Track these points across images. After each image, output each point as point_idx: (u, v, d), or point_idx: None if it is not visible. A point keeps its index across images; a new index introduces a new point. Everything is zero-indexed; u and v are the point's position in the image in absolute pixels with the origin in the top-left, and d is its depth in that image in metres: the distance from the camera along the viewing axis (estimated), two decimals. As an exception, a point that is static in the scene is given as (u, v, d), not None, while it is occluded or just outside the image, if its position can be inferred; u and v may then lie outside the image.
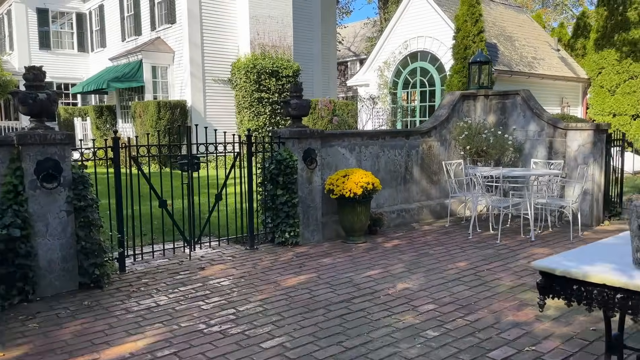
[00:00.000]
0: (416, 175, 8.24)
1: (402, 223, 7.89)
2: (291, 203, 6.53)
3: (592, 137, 7.63)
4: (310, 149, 6.69)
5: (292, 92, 6.76)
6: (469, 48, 12.03)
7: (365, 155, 7.55)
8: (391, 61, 15.72)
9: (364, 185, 6.52)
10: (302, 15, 19.59)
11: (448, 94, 8.96)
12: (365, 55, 42.79)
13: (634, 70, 14.88)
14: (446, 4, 15.14)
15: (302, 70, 17.87)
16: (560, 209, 7.79)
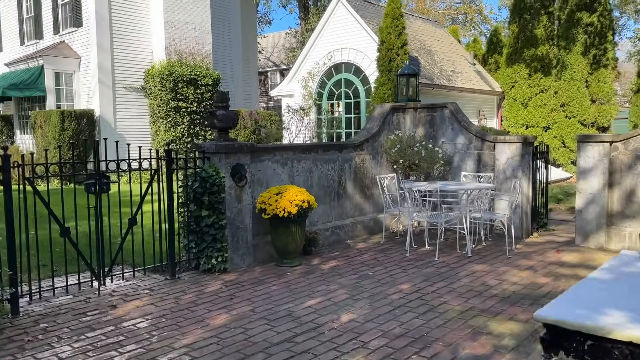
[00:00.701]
0: (350, 190, 7.88)
1: (336, 241, 7.47)
2: (218, 225, 5.88)
3: (521, 149, 7.67)
4: (239, 165, 6.09)
5: (218, 102, 6.13)
6: (394, 60, 11.98)
7: (298, 170, 7.06)
8: (315, 72, 15.43)
9: (299, 204, 6.02)
10: (222, 22, 18.86)
11: (378, 106, 8.73)
12: (286, 65, 42.61)
13: (544, 84, 15.68)
14: (369, 16, 15.14)
15: (222, 78, 17.13)
16: (490, 222, 7.75)
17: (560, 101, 15.46)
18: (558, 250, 6.82)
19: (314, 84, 15.63)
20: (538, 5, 15.56)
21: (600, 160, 6.93)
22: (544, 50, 15.57)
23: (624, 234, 6.83)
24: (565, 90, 15.32)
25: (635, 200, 6.76)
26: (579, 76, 15.10)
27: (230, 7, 19.26)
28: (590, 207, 7.05)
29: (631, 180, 6.78)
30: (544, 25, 15.53)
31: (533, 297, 4.96)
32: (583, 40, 14.99)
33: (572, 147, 15.37)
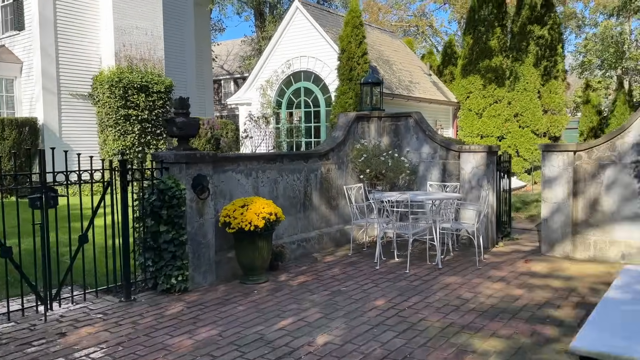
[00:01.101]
0: (316, 201, 7.60)
1: (303, 254, 7.16)
2: (178, 241, 5.45)
3: (486, 159, 7.64)
4: (200, 176, 5.69)
5: (178, 109, 5.72)
6: (354, 69, 11.86)
7: (263, 181, 6.72)
8: (274, 80, 15.13)
9: (266, 216, 5.68)
10: (175, 28, 18.29)
11: (342, 115, 8.53)
12: (240, 74, 42.05)
13: (498, 95, 16.00)
14: (327, 24, 15.01)
15: (175, 85, 16.55)
16: (457, 233, 7.67)
17: (514, 111, 15.82)
18: (526, 260, 6.78)
19: (272, 92, 15.31)
20: (492, 18, 15.91)
21: (565, 169, 6.97)
22: (497, 62, 15.92)
23: (589, 243, 6.87)
24: (519, 100, 15.69)
25: (599, 209, 6.82)
26: (532, 87, 15.51)
27: (183, 13, 18.72)
28: (555, 216, 7.07)
29: (595, 189, 6.84)
30: (498, 37, 15.89)
31: (511, 310, 4.82)
32: (535, 52, 15.42)
33: (526, 157, 15.74)
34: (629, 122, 6.60)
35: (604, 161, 6.76)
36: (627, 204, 6.60)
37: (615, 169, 6.68)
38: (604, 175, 6.77)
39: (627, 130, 6.60)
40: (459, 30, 39.59)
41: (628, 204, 6.60)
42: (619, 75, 20.02)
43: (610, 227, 6.74)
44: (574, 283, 5.67)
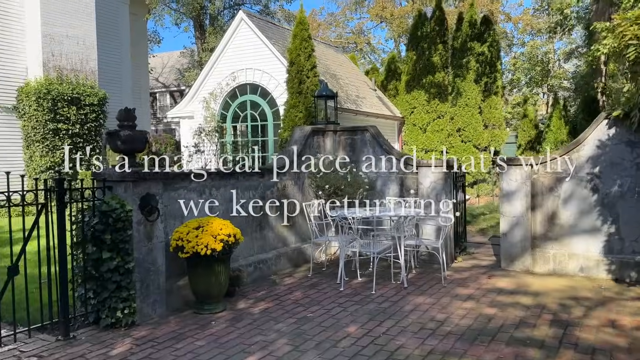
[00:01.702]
0: (272, 218, 7.16)
1: (260, 277, 6.69)
2: (124, 269, 4.85)
3: (444, 174, 7.53)
4: (149, 195, 5.13)
5: (123, 121, 5.14)
6: (304, 82, 11.58)
7: (217, 199, 6.21)
8: (218, 92, 14.56)
9: (225, 239, 5.19)
10: (109, 38, 17.27)
11: (298, 129, 8.18)
12: (176, 87, 40.85)
13: (440, 110, 16.28)
14: (274, 37, 14.68)
15: (109, 98, 15.58)
16: (416, 249, 7.48)
17: (457, 126, 16.13)
18: (490, 276, 6.66)
19: (216, 105, 14.73)
20: (433, 34, 16.22)
21: (523, 183, 6.97)
22: (440, 77, 16.21)
23: (549, 256, 6.87)
24: (461, 116, 16.02)
25: (557, 223, 6.85)
26: (473, 102, 15.89)
27: (118, 22, 17.76)
28: (515, 231, 7.03)
29: (553, 202, 6.87)
30: (440, 54, 16.20)
31: (488, 332, 4.61)
32: (475, 68, 15.84)
33: (468, 170, 16.05)
34: (584, 135, 6.70)
35: (561, 174, 6.81)
36: (585, 217, 6.66)
37: (572, 182, 6.74)
38: (561, 188, 6.81)
39: (582, 144, 6.69)
40: (395, 48, 40.61)
41: (585, 217, 6.66)
42: (555, 91, 21.03)
43: (568, 240, 6.77)
44: (542, 299, 5.58)
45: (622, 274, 6.39)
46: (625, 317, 4.90)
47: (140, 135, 5.17)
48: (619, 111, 6.28)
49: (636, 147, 6.35)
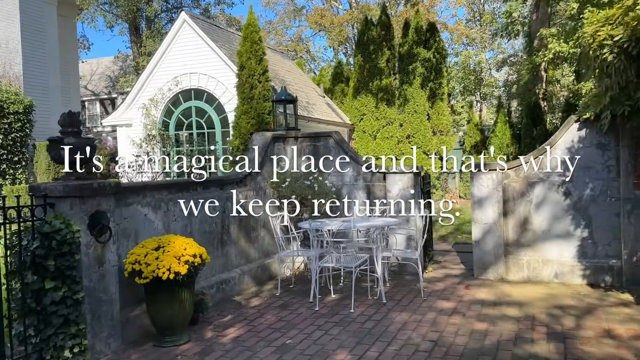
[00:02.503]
0: (234, 234, 6.55)
1: (223, 299, 6.05)
2: (72, 300, 4.12)
3: (412, 180, 7.24)
4: (100, 212, 4.42)
5: (66, 127, 4.41)
6: (255, 88, 10.95)
7: (175, 215, 5.55)
8: (159, 98, 13.63)
9: (190, 260, 4.56)
10: (36, 41, 15.84)
11: (258, 135, 7.62)
12: (106, 94, 38.78)
13: (389, 117, 16.18)
14: (220, 40, 13.97)
15: (36, 105, 14.26)
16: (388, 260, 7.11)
17: (406, 133, 16.09)
18: (467, 287, 6.39)
19: (157, 112, 13.79)
20: (380, 40, 16.13)
21: (495, 188, 6.78)
22: (387, 82, 16.13)
23: (522, 263, 6.71)
24: (410, 122, 16.00)
25: (529, 228, 6.70)
26: (421, 109, 15.92)
27: (45, 24, 16.33)
28: (487, 238, 6.83)
29: (524, 208, 6.73)
30: (387, 59, 16.13)
31: (488, 351, 4.27)
32: (422, 74, 15.89)
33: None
34: (555, 139, 6.61)
35: (533, 179, 6.69)
36: (557, 222, 6.56)
37: (544, 186, 6.62)
38: (533, 193, 6.68)
39: (554, 147, 6.59)
40: (334, 57, 40.79)
41: (558, 222, 6.55)
42: (499, 96, 21.62)
43: (542, 245, 6.64)
44: (529, 310, 5.34)
45: (596, 278, 6.32)
46: (618, 326, 4.73)
47: (88, 143, 4.45)
48: (590, 113, 6.22)
49: (607, 150, 6.32)
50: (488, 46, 34.64)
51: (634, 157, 6.12)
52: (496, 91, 36.10)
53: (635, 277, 6.09)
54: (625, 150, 6.14)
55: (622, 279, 6.17)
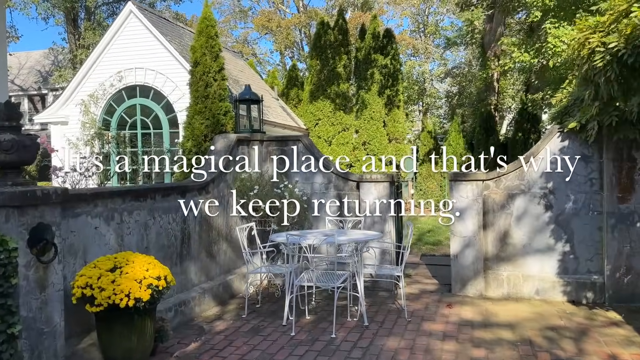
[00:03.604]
0: (194, 248, 5.81)
1: (182, 323, 5.30)
2: (6, 335, 3.30)
3: (388, 189, 6.80)
4: (43, 226, 3.60)
5: (3, 121, 3.57)
6: (210, 86, 10.20)
7: (130, 227, 4.76)
8: (100, 94, 12.48)
9: (153, 283, 3.84)
10: (-45, 24, 14.19)
11: (220, 137, 6.90)
12: (36, 90, 36.14)
13: (346, 123, 15.80)
14: (169, 34, 13.00)
15: (-44, 99, 12.69)
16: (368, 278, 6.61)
17: (362, 139, 15.76)
18: (449, 305, 5.99)
19: (97, 109, 12.62)
20: (337, 44, 15.74)
21: (475, 200, 6.45)
22: (345, 88, 15.76)
23: (502, 279, 6.41)
24: (366, 129, 15.69)
25: (509, 242, 6.42)
26: (378, 116, 15.65)
27: (-32, 7, 14.70)
28: (466, 252, 6.47)
29: (504, 220, 6.44)
30: (344, 65, 15.76)
31: (496, 382, 3.84)
32: (379, 80, 15.63)
33: (373, 184, 15.74)
34: (537, 149, 6.37)
35: (513, 190, 6.41)
36: (539, 236, 6.31)
37: (525, 198, 6.36)
38: (513, 205, 6.41)
39: (535, 158, 6.35)
40: (280, 61, 40.26)
41: (539, 236, 6.30)
42: (453, 105, 21.79)
43: (522, 260, 6.37)
44: (522, 332, 4.99)
45: (578, 295, 6.10)
46: (621, 350, 4.45)
47: (29, 142, 3.62)
48: (575, 123, 6.02)
49: (590, 162, 6.14)
50: (433, 57, 35.26)
51: (618, 170, 5.97)
52: (438, 102, 36.85)
53: (618, 293, 5.92)
54: (609, 163, 5.98)
55: (604, 295, 5.99)
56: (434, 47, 36.14)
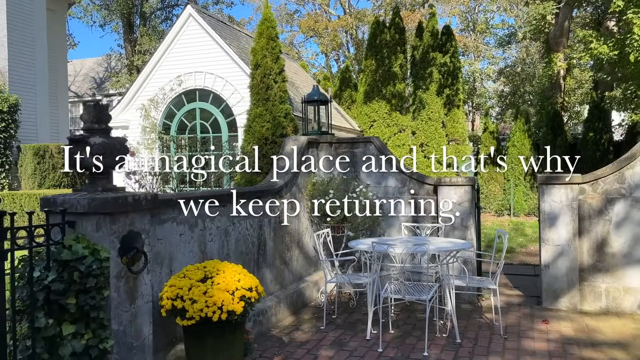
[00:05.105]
0: (270, 254, 5.57)
1: (260, 334, 5.06)
2: (97, 350, 3.10)
3: (470, 193, 6.37)
4: (133, 234, 3.41)
5: (93, 123, 3.41)
6: (271, 88, 10.01)
7: (212, 233, 4.56)
8: (160, 99, 12.57)
9: (246, 295, 3.59)
10: (23, 35, 14.66)
11: (290, 140, 6.67)
12: (90, 96, 37.39)
13: (402, 124, 15.36)
14: (228, 37, 12.99)
15: (22, 104, 13.10)
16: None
17: (419, 141, 15.28)
18: (545, 320, 5.50)
19: (157, 113, 12.72)
20: (393, 43, 15.33)
21: (569, 205, 5.93)
22: (401, 88, 15.32)
23: (599, 292, 5.86)
24: (424, 130, 15.20)
25: (608, 251, 5.86)
26: (436, 116, 15.14)
27: (33, 16, 15.16)
28: (559, 261, 5.97)
29: (602, 227, 5.89)
30: (400, 64, 15.33)
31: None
32: (438, 80, 15.11)
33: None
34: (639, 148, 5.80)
35: (612, 195, 5.85)
36: (642, 245, 5.73)
37: (626, 203, 5.79)
38: (612, 211, 5.85)
39: (637, 159, 5.78)
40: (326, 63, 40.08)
41: (643, 245, 5.73)
42: (518, 105, 20.97)
43: (622, 271, 5.80)
44: (638, 353, 4.48)
45: (690, 310, 5.50)
46: None
47: (118, 145, 3.44)
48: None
49: None
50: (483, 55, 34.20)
51: None
52: (488, 102, 35.73)
53: None
54: None
55: None
56: (484, 45, 35.08)
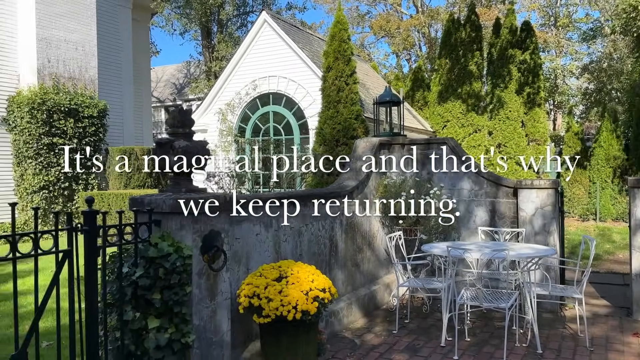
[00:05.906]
0: (341, 255, 5.60)
1: (332, 335, 5.09)
2: (180, 344, 3.25)
3: (553, 197, 6.05)
4: (214, 233, 3.56)
5: (177, 127, 3.59)
6: (342, 90, 10.09)
7: (286, 233, 4.65)
8: (236, 103, 13.03)
9: (319, 295, 3.63)
10: (111, 44, 15.75)
11: (362, 141, 6.66)
12: (171, 102, 39.35)
13: (477, 124, 14.89)
14: (301, 41, 13.25)
15: (110, 110, 14.03)
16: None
17: (496, 141, 14.73)
18: (636, 333, 5.13)
19: (234, 117, 13.19)
20: (469, 41, 14.90)
21: (664, 210, 5.49)
22: (477, 87, 14.85)
23: (701, 304, 5.38)
24: (501, 130, 14.64)
25: None
26: (515, 115, 14.53)
27: (119, 26, 16.22)
28: (653, 270, 5.54)
29: (703, 234, 5.40)
30: (476, 62, 14.87)
31: None
32: (517, 78, 14.51)
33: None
34: None
35: None
36: None
37: None
38: None
39: None
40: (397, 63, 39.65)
41: None
42: (604, 103, 19.80)
43: None
44: None
45: None
46: None
47: (200, 148, 3.60)
48: None
49: None
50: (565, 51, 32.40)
51: None
52: (571, 100, 33.81)
53: None
54: None
55: None
56: (567, 40, 33.25)
